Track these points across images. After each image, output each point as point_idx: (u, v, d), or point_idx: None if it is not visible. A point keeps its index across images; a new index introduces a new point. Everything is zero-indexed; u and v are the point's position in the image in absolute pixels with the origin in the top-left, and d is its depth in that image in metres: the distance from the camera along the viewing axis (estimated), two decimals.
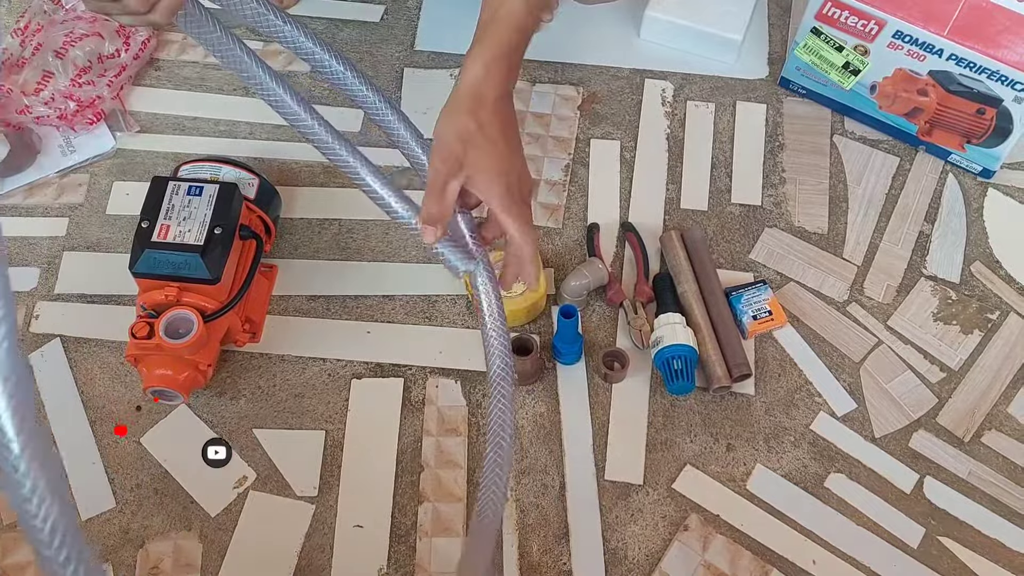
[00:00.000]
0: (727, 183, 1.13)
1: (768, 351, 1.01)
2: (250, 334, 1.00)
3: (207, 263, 0.90)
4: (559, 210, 1.11)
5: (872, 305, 1.05)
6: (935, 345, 1.02)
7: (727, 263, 1.07)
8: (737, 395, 0.99)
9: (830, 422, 0.97)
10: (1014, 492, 0.94)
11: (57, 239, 1.09)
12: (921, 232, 1.10)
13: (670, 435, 0.97)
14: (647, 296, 1.03)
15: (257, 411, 0.98)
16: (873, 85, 1.12)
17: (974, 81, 1.04)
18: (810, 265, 1.07)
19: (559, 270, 1.06)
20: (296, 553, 0.91)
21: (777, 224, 1.10)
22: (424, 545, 0.91)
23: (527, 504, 0.93)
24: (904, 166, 1.15)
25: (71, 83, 1.13)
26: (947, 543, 0.91)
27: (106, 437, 0.96)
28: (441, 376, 1.00)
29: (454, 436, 0.96)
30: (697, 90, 1.21)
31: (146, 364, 0.92)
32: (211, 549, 0.91)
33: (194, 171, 1.00)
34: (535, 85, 1.21)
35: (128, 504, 0.93)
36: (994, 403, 0.99)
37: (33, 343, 1.01)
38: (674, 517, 0.92)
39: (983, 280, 1.06)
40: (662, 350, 0.96)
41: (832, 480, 0.94)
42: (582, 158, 1.15)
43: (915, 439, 0.97)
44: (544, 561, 0.90)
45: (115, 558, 0.90)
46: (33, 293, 1.05)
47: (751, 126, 1.18)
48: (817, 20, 1.10)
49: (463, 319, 1.03)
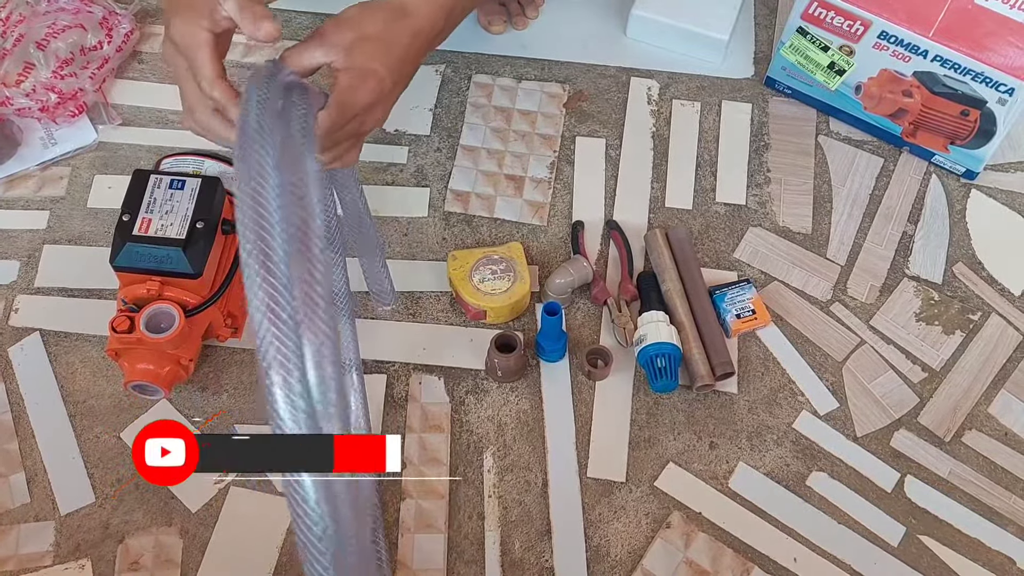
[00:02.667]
0: (712, 182, 1.13)
1: (751, 350, 1.02)
2: (232, 329, 0.99)
3: (189, 257, 0.89)
4: (544, 208, 1.10)
5: (855, 305, 1.05)
6: (917, 345, 1.03)
7: (711, 262, 1.07)
8: (720, 393, 0.99)
9: (812, 421, 0.98)
10: (994, 492, 0.94)
11: (38, 232, 1.08)
12: (904, 233, 1.10)
13: (653, 433, 0.97)
14: (631, 294, 1.03)
15: (239, 406, 0.97)
16: (858, 86, 1.12)
17: (958, 83, 1.04)
18: (794, 265, 1.07)
19: (544, 267, 1.06)
20: (277, 548, 0.90)
21: (762, 223, 1.10)
22: (406, 542, 0.91)
23: (510, 501, 0.93)
24: (888, 167, 1.15)
25: (53, 75, 1.12)
26: (927, 542, 0.92)
27: (86, 431, 0.96)
28: (424, 372, 1.00)
29: (437, 433, 0.96)
30: (683, 89, 1.21)
31: (127, 359, 0.91)
32: (192, 544, 0.90)
33: (176, 164, 1.00)
34: (521, 82, 1.21)
35: (108, 499, 0.93)
36: (975, 403, 0.99)
37: (13, 337, 1.01)
38: (657, 515, 0.92)
39: (965, 281, 1.07)
40: (646, 348, 0.96)
41: (814, 479, 0.95)
42: (567, 156, 1.15)
43: (896, 438, 0.97)
44: (526, 558, 0.90)
45: (95, 553, 0.90)
46: (13, 286, 1.04)
47: (736, 125, 1.18)
48: (803, 20, 1.10)
49: (447, 316, 1.03)
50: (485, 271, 1.00)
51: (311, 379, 0.54)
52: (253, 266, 0.53)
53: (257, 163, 0.57)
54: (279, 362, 0.52)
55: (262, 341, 0.52)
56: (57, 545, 0.90)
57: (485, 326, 1.02)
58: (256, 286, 0.53)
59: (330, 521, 0.54)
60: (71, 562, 0.89)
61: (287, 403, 0.53)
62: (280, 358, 0.52)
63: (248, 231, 0.54)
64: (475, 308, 1.00)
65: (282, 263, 0.54)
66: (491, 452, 0.95)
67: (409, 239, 1.08)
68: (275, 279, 0.53)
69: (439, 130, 1.16)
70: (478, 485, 0.94)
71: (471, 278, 1.00)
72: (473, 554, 0.90)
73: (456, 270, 1.01)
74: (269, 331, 0.52)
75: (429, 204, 1.10)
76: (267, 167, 0.57)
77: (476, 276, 1.00)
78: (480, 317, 1.01)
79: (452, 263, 1.01)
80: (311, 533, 0.54)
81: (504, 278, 1.00)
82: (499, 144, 1.15)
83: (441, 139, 1.15)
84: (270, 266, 0.53)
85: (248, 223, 0.54)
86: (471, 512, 0.92)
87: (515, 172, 1.13)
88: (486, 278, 1.00)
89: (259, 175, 0.56)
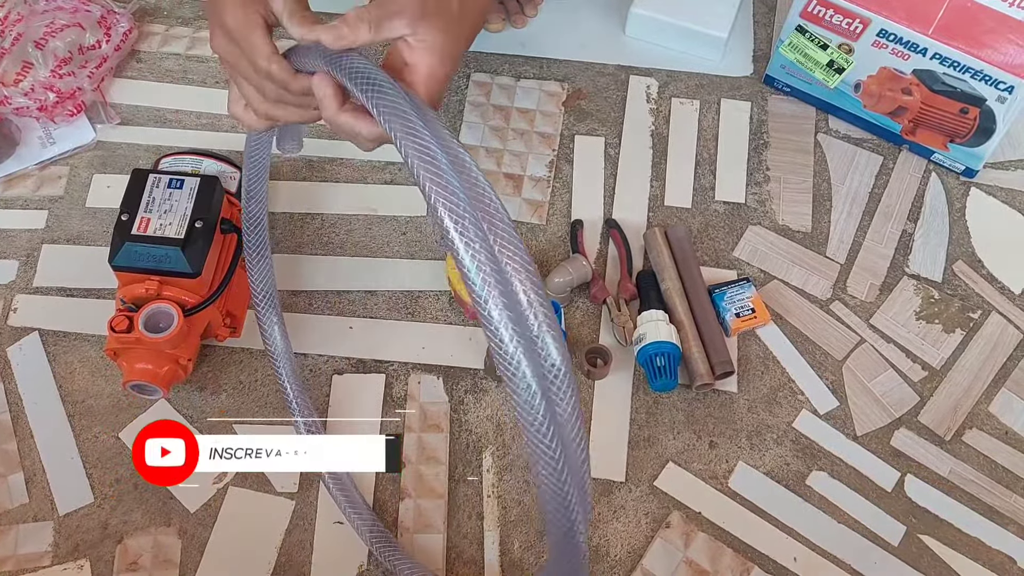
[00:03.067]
0: (711, 180, 1.13)
1: (751, 349, 1.01)
2: (231, 329, 0.99)
3: (188, 257, 0.89)
4: (543, 206, 1.10)
5: (855, 303, 1.05)
6: (917, 344, 1.02)
7: (711, 260, 1.07)
8: (720, 393, 0.99)
9: (812, 420, 0.98)
10: (995, 491, 0.94)
11: (36, 231, 1.07)
12: (904, 231, 1.10)
13: (653, 432, 0.96)
14: (630, 293, 1.03)
15: (238, 406, 0.97)
16: (857, 84, 1.12)
17: (958, 81, 1.04)
18: (794, 263, 1.07)
19: (543, 266, 1.05)
20: (276, 549, 0.90)
21: (761, 222, 1.10)
22: (405, 541, 0.90)
23: (509, 500, 0.93)
24: (888, 165, 1.15)
25: (51, 74, 1.12)
26: (928, 541, 0.92)
27: (85, 431, 0.95)
28: (423, 372, 0.99)
29: (436, 432, 0.96)
30: (682, 87, 1.21)
31: (126, 358, 0.91)
32: (191, 545, 0.90)
33: (175, 164, 0.99)
34: (520, 80, 1.21)
35: (107, 499, 0.92)
36: (976, 402, 0.99)
37: (11, 336, 1.00)
38: (656, 514, 0.92)
39: (965, 279, 1.07)
40: (645, 347, 0.96)
41: (814, 478, 0.95)
42: (566, 154, 1.15)
43: (897, 437, 0.97)
44: (525, 558, 0.90)
45: (94, 553, 0.89)
46: (11, 286, 1.04)
47: (736, 124, 1.18)
48: (802, 18, 1.10)
49: (446, 315, 1.03)
50: None
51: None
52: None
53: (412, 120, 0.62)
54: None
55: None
56: (56, 545, 0.90)
57: None
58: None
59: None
60: (70, 562, 0.89)
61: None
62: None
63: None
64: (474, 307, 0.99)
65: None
66: (490, 451, 0.95)
67: (408, 238, 1.08)
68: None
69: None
70: (477, 485, 0.93)
71: None
72: (472, 554, 0.90)
73: (455, 269, 1.00)
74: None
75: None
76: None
77: None
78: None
79: (451, 262, 1.01)
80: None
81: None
82: (497, 143, 1.15)
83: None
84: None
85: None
86: (470, 512, 0.92)
87: (514, 171, 1.13)
88: None
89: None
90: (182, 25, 1.25)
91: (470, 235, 0.58)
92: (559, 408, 0.60)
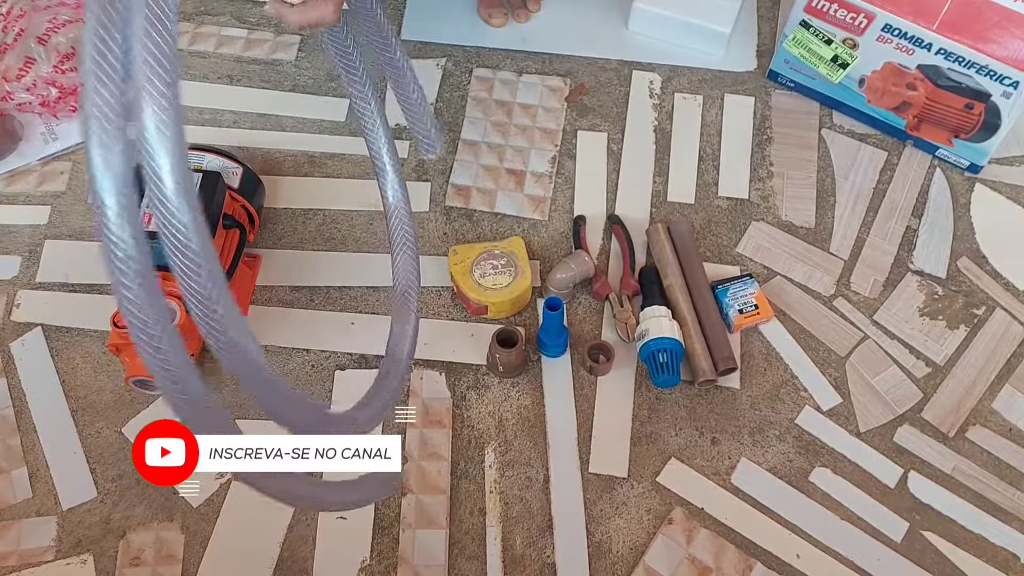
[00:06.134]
0: (714, 176, 1.13)
1: (754, 345, 1.01)
2: None
3: None
4: (545, 202, 1.10)
5: (858, 300, 1.05)
6: (921, 340, 1.02)
7: (713, 256, 1.07)
8: (722, 389, 0.99)
9: (815, 416, 0.97)
10: (998, 487, 0.94)
11: (39, 227, 1.08)
12: (908, 227, 1.10)
13: (655, 428, 0.96)
14: (633, 289, 1.03)
15: (240, 401, 0.97)
16: (862, 79, 1.11)
17: (963, 76, 1.03)
18: (797, 259, 1.07)
19: (545, 262, 1.05)
20: (278, 544, 0.90)
21: (764, 218, 1.10)
22: (407, 537, 0.90)
23: (511, 497, 0.93)
24: (892, 160, 1.15)
25: (54, 69, 1.12)
26: (931, 537, 0.91)
27: (88, 427, 0.96)
28: (426, 368, 0.99)
29: (438, 428, 0.96)
30: (685, 82, 1.21)
31: (128, 354, 0.91)
32: (193, 540, 0.90)
33: None
34: (522, 76, 1.20)
35: (110, 494, 0.93)
36: (979, 398, 0.99)
37: (14, 332, 1.01)
38: (659, 510, 0.92)
39: (969, 275, 1.06)
40: (648, 343, 0.96)
41: (816, 474, 0.94)
42: (569, 150, 1.14)
43: (900, 434, 0.97)
44: (528, 554, 0.90)
45: (97, 548, 0.90)
46: (14, 281, 1.04)
47: (739, 119, 1.18)
48: (806, 13, 1.09)
49: (448, 311, 1.03)
50: (486, 266, 1.00)
51: None
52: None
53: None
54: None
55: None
56: (59, 540, 0.90)
57: (486, 321, 1.02)
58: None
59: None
60: (73, 557, 0.89)
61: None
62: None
63: None
64: (476, 303, 0.99)
65: None
66: (492, 448, 0.95)
67: None
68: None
69: (440, 124, 1.16)
70: (479, 481, 0.93)
71: (472, 273, 1.00)
72: (474, 550, 0.90)
73: (457, 265, 1.00)
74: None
75: (430, 199, 1.10)
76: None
77: (477, 271, 1.00)
78: (481, 312, 1.01)
79: (453, 258, 1.01)
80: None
81: (505, 273, 0.99)
82: (500, 138, 1.15)
83: (442, 133, 1.15)
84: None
85: None
86: (472, 508, 0.92)
87: (516, 166, 1.13)
88: (487, 273, 1.00)
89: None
90: (184, 20, 1.25)
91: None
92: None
